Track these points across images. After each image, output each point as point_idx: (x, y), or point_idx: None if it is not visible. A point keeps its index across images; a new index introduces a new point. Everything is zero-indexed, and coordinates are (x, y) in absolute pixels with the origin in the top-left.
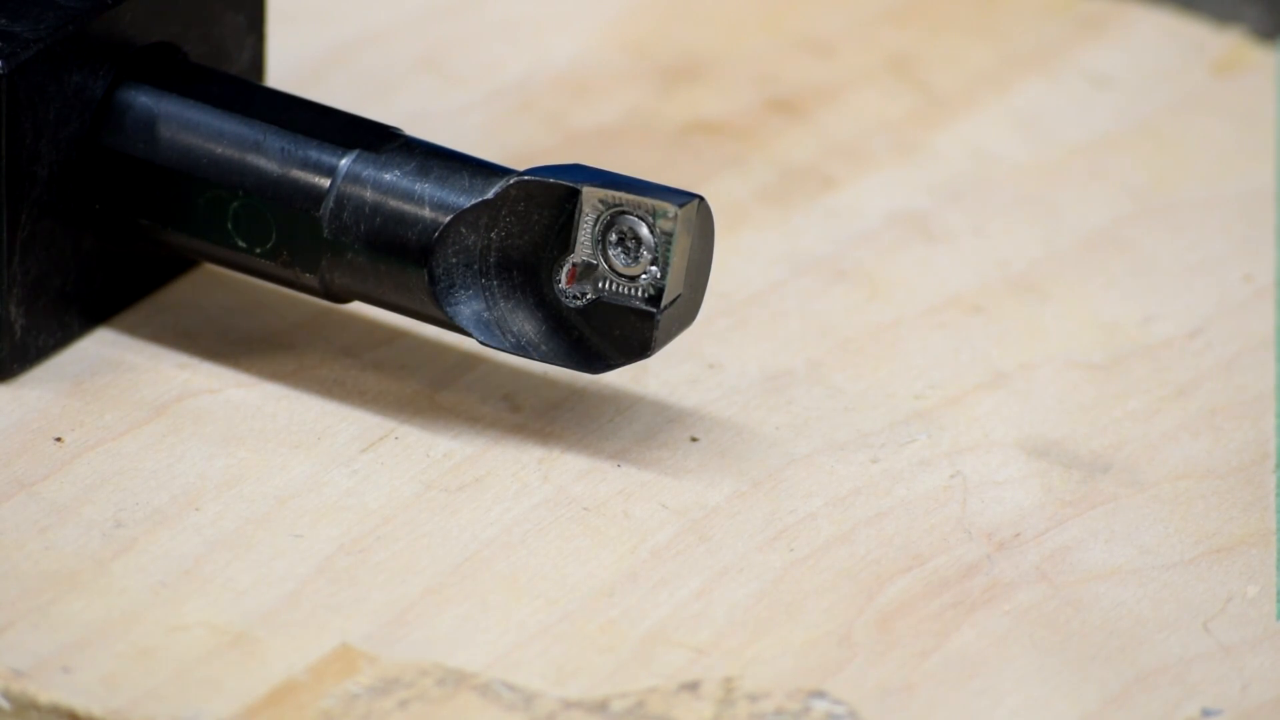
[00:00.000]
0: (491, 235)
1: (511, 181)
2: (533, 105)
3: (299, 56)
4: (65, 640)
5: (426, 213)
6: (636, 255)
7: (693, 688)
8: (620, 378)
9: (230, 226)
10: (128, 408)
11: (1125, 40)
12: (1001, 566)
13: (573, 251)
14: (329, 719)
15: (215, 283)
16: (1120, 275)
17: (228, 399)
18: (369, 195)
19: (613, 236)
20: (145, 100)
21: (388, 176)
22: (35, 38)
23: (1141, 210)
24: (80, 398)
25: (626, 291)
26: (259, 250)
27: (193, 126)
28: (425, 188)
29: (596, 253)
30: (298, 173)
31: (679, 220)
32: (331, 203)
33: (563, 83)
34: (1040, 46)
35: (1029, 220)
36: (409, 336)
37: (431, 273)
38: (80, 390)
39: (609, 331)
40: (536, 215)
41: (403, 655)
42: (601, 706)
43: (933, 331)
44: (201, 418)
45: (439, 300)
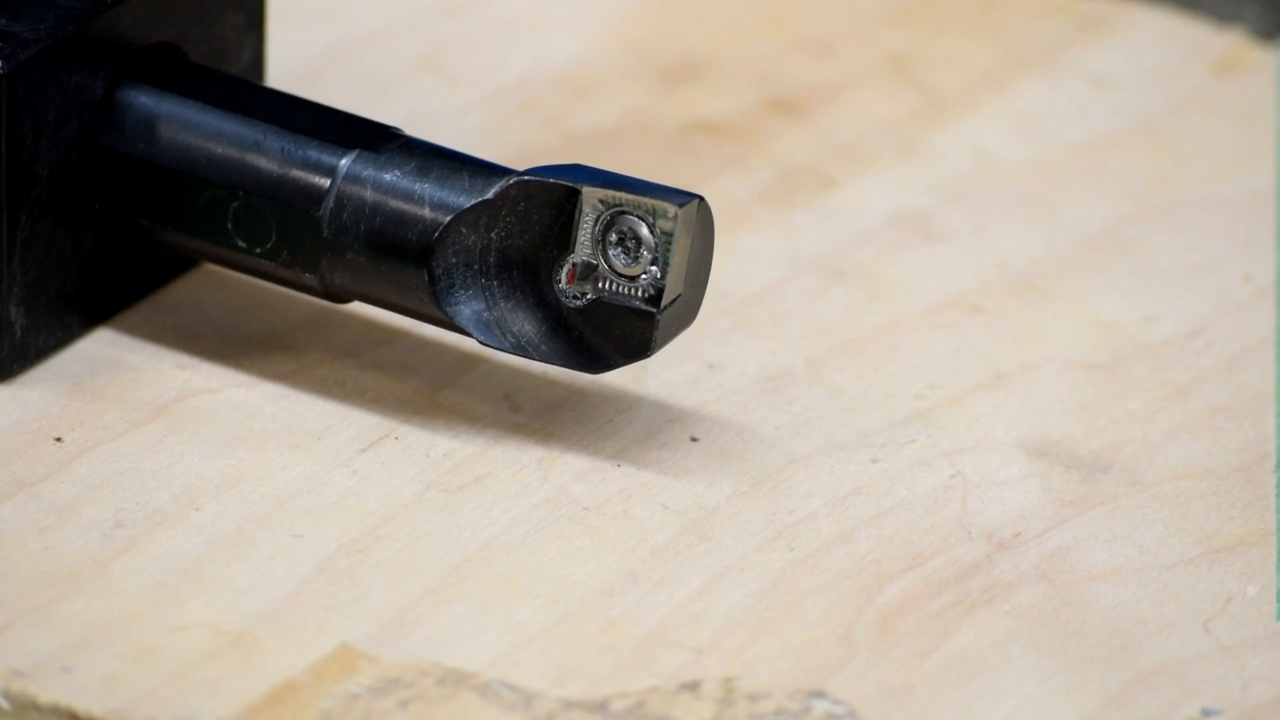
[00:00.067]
0: (491, 235)
1: (511, 181)
2: (533, 105)
3: (299, 56)
4: (65, 640)
5: (426, 213)
6: (636, 255)
7: (693, 688)
8: (620, 378)
9: (230, 226)
10: (128, 408)
11: (1125, 40)
12: (1001, 566)
13: (573, 251)
14: (329, 719)
15: (215, 283)
16: (1120, 275)
17: (228, 399)
18: (369, 195)
19: (613, 236)
20: (145, 100)
21: (388, 176)
22: (35, 38)
23: (1141, 210)
24: (80, 398)
25: (626, 291)
26: (259, 250)
27: (193, 126)
28: (425, 188)
29: (596, 253)
30: (298, 173)
31: (679, 220)
32: (331, 203)
33: (563, 83)
34: (1040, 46)
35: (1029, 220)
36: (409, 336)
37: (431, 273)
38: (80, 390)
39: (609, 331)
40: (536, 215)
41: (403, 655)
42: (601, 706)
43: (933, 331)
44: (201, 418)
45: (439, 300)
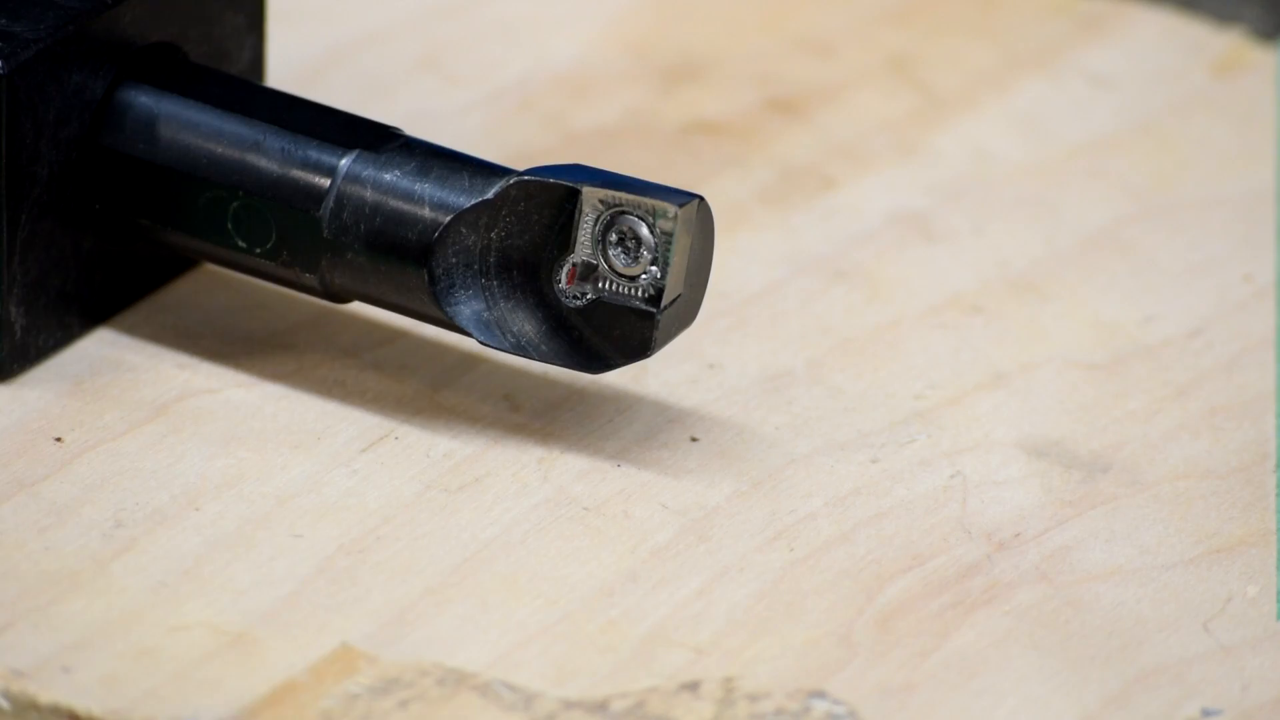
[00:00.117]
0: (491, 235)
1: (511, 181)
2: (533, 105)
3: (299, 56)
4: (65, 640)
5: (426, 213)
6: (636, 255)
7: (693, 688)
8: (620, 378)
9: (230, 226)
10: (128, 408)
11: (1125, 40)
12: (1001, 566)
13: (573, 251)
14: (329, 719)
15: (215, 283)
16: (1120, 275)
17: (228, 399)
18: (369, 195)
19: (613, 236)
20: (145, 100)
21: (388, 176)
22: (35, 38)
23: (1141, 210)
24: (80, 398)
25: (626, 291)
26: (259, 250)
27: (193, 126)
28: (425, 188)
29: (596, 253)
30: (298, 173)
31: (679, 220)
32: (331, 203)
33: (563, 83)
34: (1040, 46)
35: (1029, 220)
36: (409, 336)
37: (431, 273)
38: (80, 390)
39: (609, 331)
40: (536, 215)
41: (403, 655)
42: (601, 706)
43: (933, 331)
44: (201, 418)
45: (439, 300)
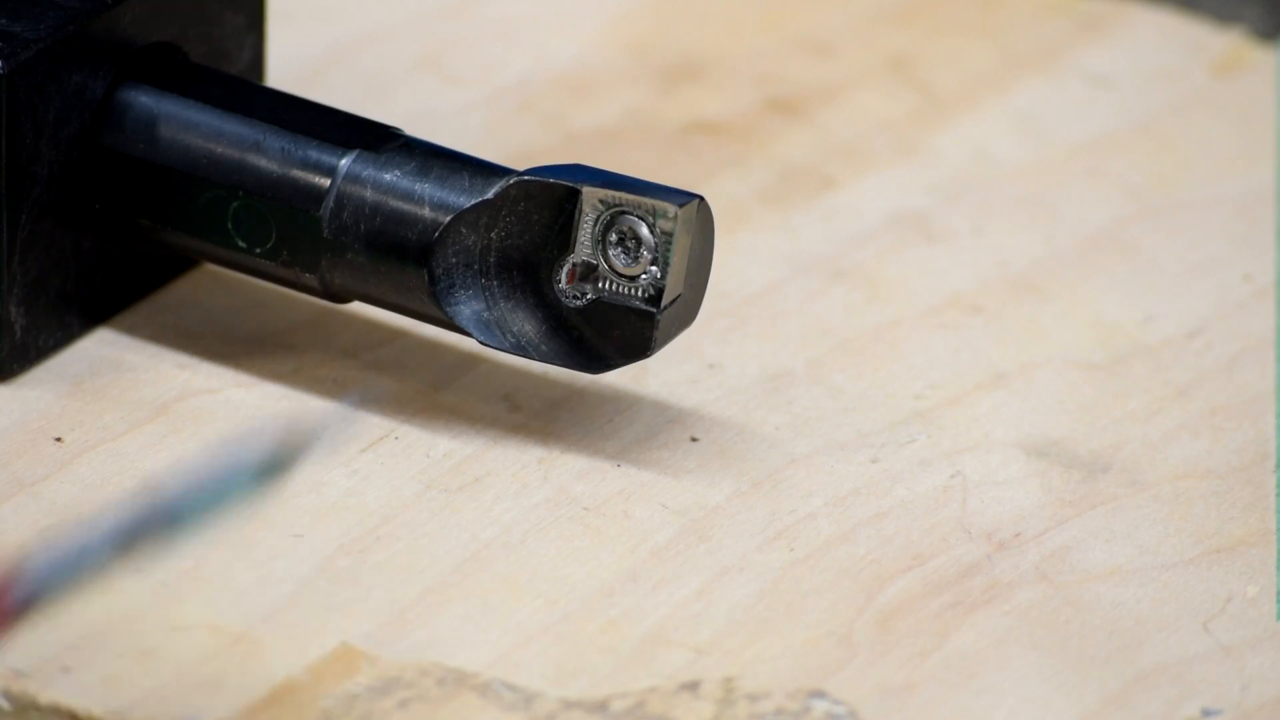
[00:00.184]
0: (491, 235)
1: (511, 181)
2: (533, 105)
3: (299, 56)
4: (65, 640)
5: (426, 213)
6: (636, 255)
7: (693, 688)
8: (620, 378)
9: (230, 226)
10: (128, 408)
11: (1125, 40)
12: (1001, 566)
13: (573, 251)
14: (329, 719)
15: (215, 283)
16: (1120, 275)
17: (228, 399)
18: (369, 195)
19: (613, 236)
20: (145, 100)
21: (388, 176)
22: (35, 38)
23: (1141, 210)
24: (80, 398)
25: (626, 291)
26: (259, 250)
27: (193, 126)
28: (425, 188)
29: (596, 253)
30: (298, 173)
31: (679, 220)
32: (331, 203)
33: (563, 83)
34: (1040, 46)
35: (1029, 220)
36: (409, 336)
37: (431, 273)
38: (80, 390)
39: (609, 331)
40: (536, 215)
41: (403, 655)
42: (601, 706)
43: (933, 331)
44: (201, 418)
45: (439, 300)
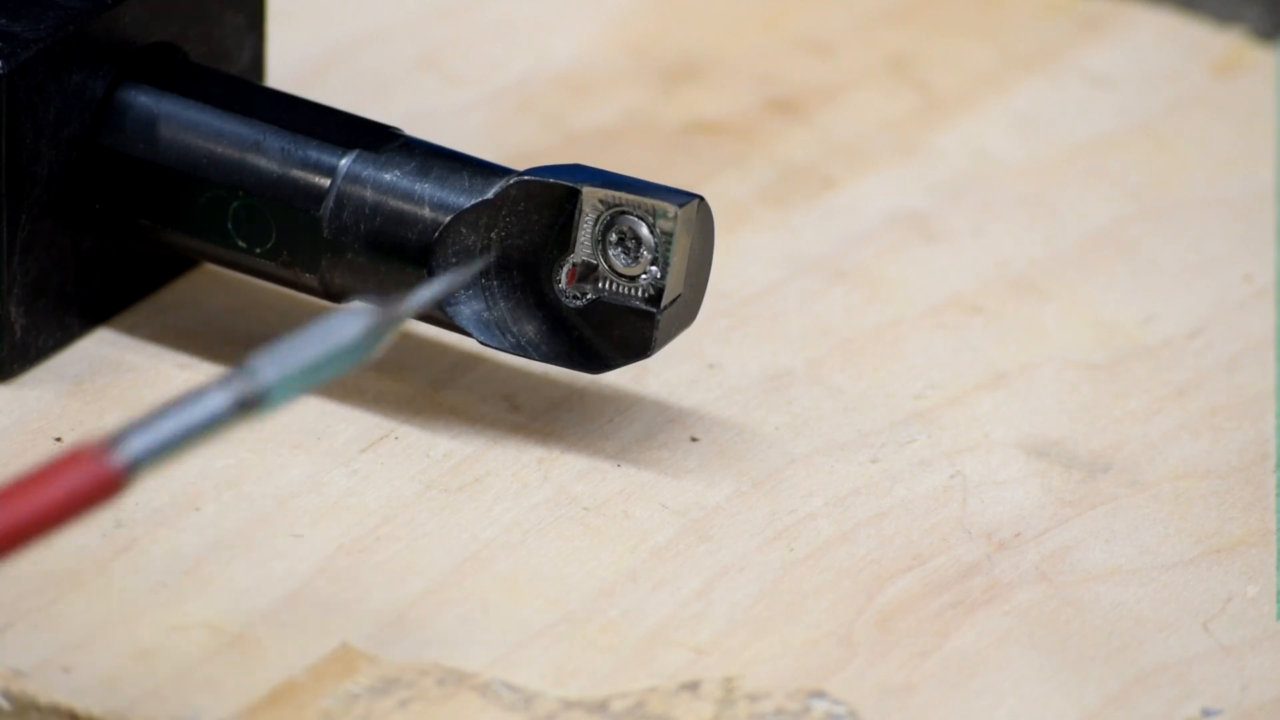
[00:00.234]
0: (491, 235)
1: (511, 181)
2: (533, 105)
3: (299, 56)
4: (65, 640)
5: (426, 213)
6: (636, 255)
7: (693, 688)
8: (620, 378)
9: (230, 226)
10: (128, 408)
11: (1125, 40)
12: (1001, 566)
13: (573, 251)
14: (329, 719)
15: (215, 283)
16: (1120, 275)
17: None
18: (369, 195)
19: (613, 236)
20: (145, 100)
21: (388, 176)
22: (35, 38)
23: (1141, 210)
24: (80, 398)
25: (626, 291)
26: (259, 250)
27: (193, 126)
28: (425, 188)
29: (596, 253)
30: (298, 173)
31: (679, 220)
32: (331, 203)
33: (563, 83)
34: (1040, 46)
35: (1029, 220)
36: (409, 336)
37: (431, 273)
38: (80, 390)
39: (609, 331)
40: (536, 215)
41: (403, 655)
42: (601, 706)
43: (933, 331)
44: None
45: (439, 300)
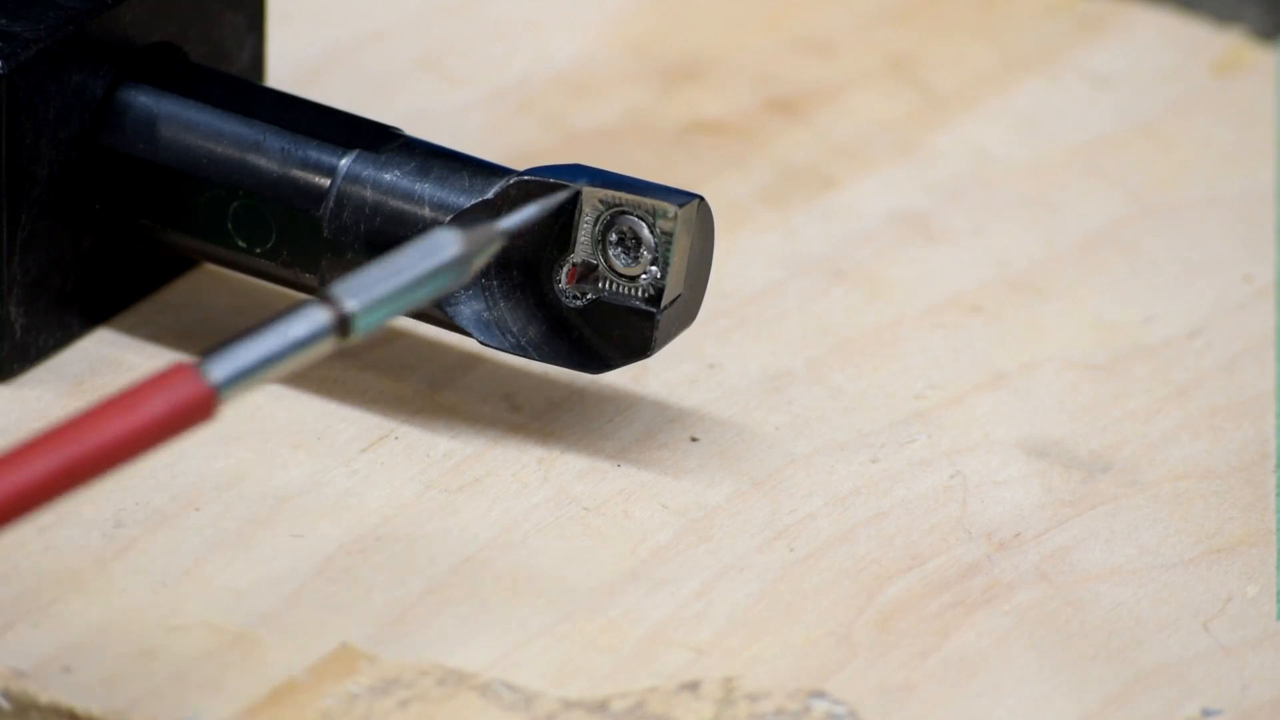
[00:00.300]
0: None
1: (511, 181)
2: (533, 105)
3: (299, 56)
4: (65, 640)
5: (426, 213)
6: (636, 255)
7: (693, 688)
8: (620, 378)
9: (230, 226)
10: None
11: (1125, 40)
12: (1001, 566)
13: (573, 251)
14: (329, 719)
15: (215, 283)
16: (1120, 275)
17: None
18: (369, 195)
19: (613, 236)
20: (145, 100)
21: (388, 176)
22: (35, 38)
23: (1141, 210)
24: (80, 398)
25: (626, 291)
26: (259, 250)
27: (193, 126)
28: (425, 188)
29: (596, 253)
30: (298, 173)
31: (679, 220)
32: (331, 203)
33: (563, 83)
34: (1040, 46)
35: (1029, 220)
36: (409, 336)
37: None
38: (80, 390)
39: (609, 331)
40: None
41: (403, 655)
42: (601, 706)
43: (933, 331)
44: None
45: (439, 300)
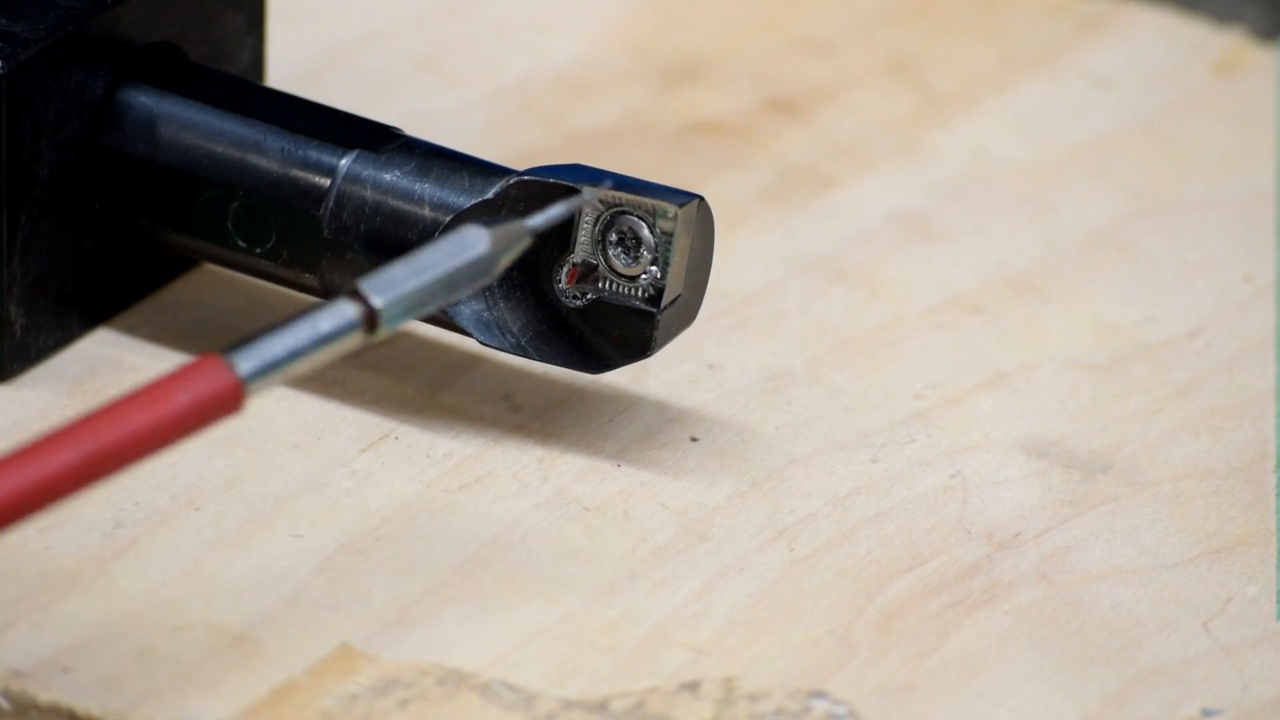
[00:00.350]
0: None
1: (511, 181)
2: (533, 105)
3: (299, 56)
4: (65, 640)
5: (426, 213)
6: (636, 255)
7: (693, 688)
8: (620, 378)
9: (230, 226)
10: None
11: (1125, 40)
12: (1001, 566)
13: (573, 251)
14: (329, 719)
15: (215, 283)
16: (1120, 275)
17: None
18: (369, 195)
19: (613, 236)
20: (145, 100)
21: (388, 176)
22: (35, 38)
23: (1141, 210)
24: (80, 398)
25: (626, 291)
26: (259, 250)
27: (193, 126)
28: (425, 188)
29: (596, 253)
30: (298, 173)
31: (679, 220)
32: (331, 203)
33: (563, 83)
34: (1040, 46)
35: (1029, 220)
36: (409, 336)
37: None
38: (80, 390)
39: (609, 331)
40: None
41: (403, 655)
42: (601, 706)
43: (933, 331)
44: None
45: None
